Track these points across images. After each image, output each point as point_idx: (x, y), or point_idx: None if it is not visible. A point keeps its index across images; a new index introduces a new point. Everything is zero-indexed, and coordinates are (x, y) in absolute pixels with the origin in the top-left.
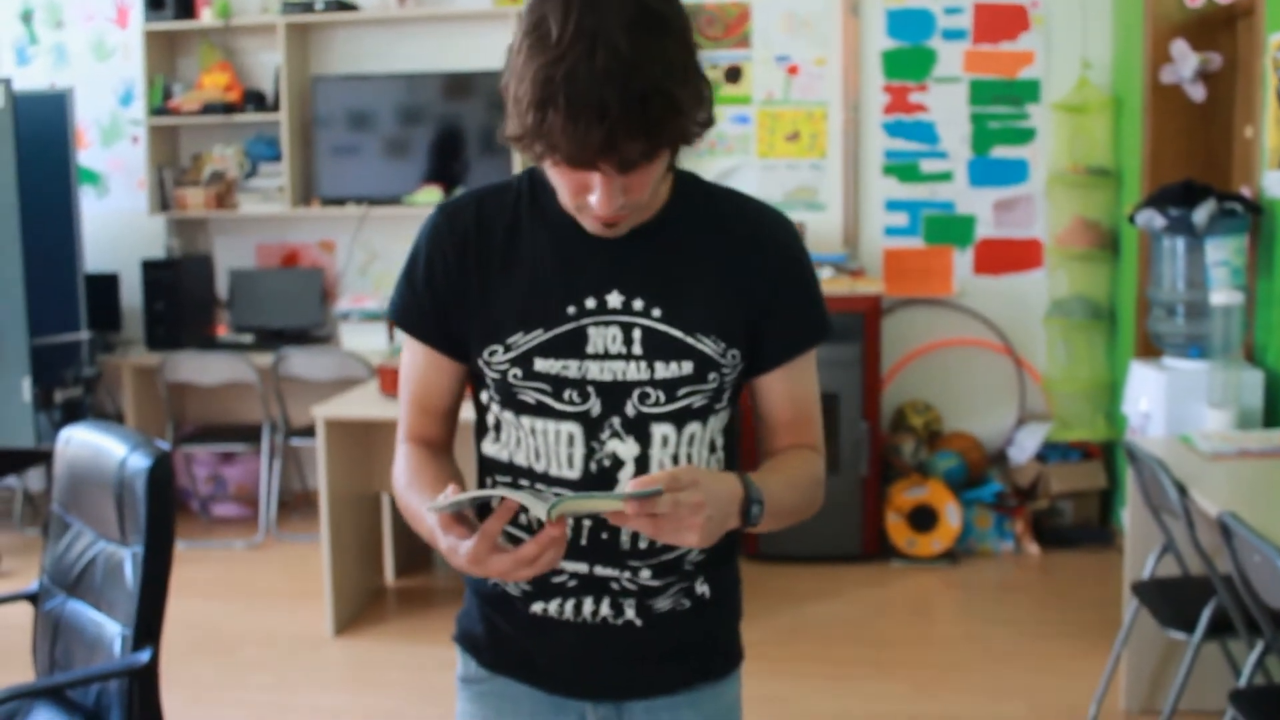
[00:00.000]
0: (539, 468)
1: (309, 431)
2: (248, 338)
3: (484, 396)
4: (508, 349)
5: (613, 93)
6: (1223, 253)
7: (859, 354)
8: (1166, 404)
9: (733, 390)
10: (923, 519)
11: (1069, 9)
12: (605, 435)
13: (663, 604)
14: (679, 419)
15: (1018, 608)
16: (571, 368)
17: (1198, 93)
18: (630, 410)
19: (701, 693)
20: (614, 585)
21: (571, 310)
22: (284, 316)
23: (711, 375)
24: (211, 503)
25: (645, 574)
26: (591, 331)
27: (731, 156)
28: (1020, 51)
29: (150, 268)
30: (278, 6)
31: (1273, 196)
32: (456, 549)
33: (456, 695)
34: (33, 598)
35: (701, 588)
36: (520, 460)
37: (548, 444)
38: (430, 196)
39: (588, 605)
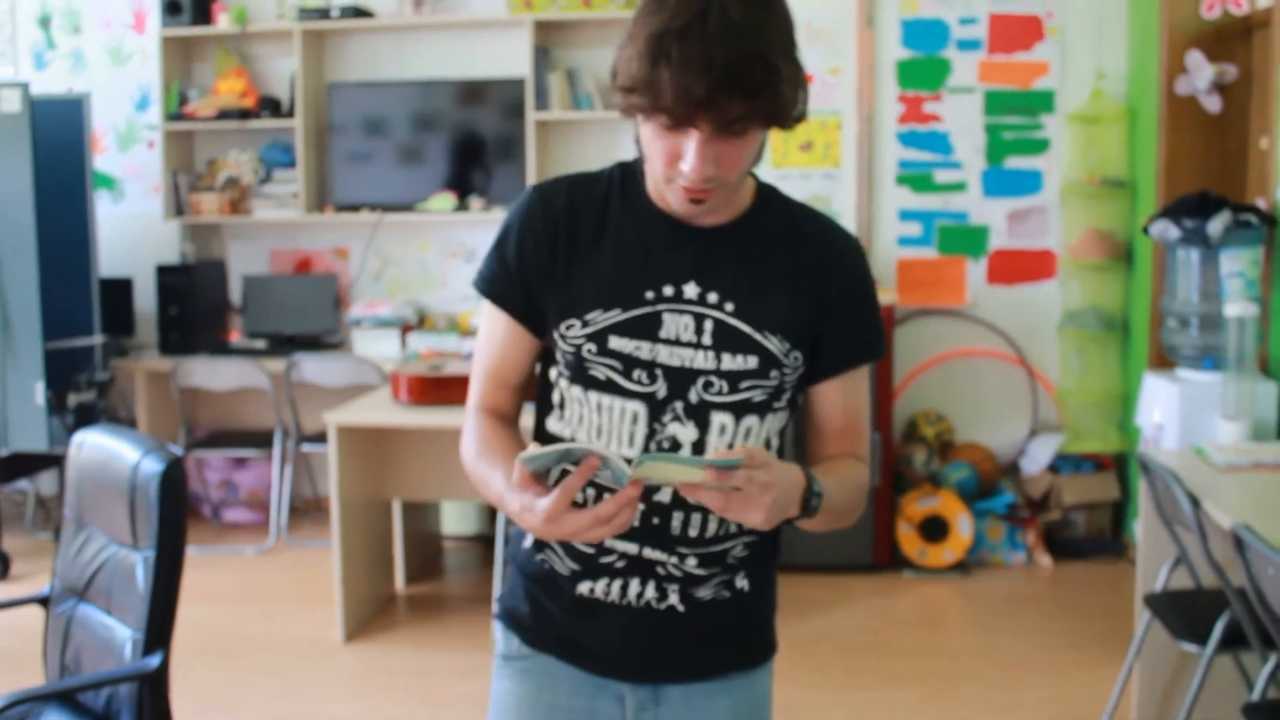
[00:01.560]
0: (599, 445)
1: (321, 437)
2: (261, 343)
3: (553, 373)
4: (585, 324)
5: (720, 51)
6: (1237, 264)
7: (871, 364)
8: (1180, 416)
9: (792, 393)
10: (934, 529)
11: (1084, 20)
12: (667, 418)
13: (704, 592)
14: (738, 410)
15: (1029, 619)
16: (643, 349)
17: (1213, 104)
18: (694, 397)
19: (735, 681)
20: (660, 570)
21: (650, 295)
22: (297, 322)
23: (773, 372)
24: (223, 508)
25: (691, 562)
26: (666, 317)
27: None
28: (1035, 62)
29: (164, 272)
30: (294, 13)
31: None
32: (532, 507)
33: (494, 673)
34: (44, 601)
35: (742, 581)
36: (581, 437)
37: (612, 420)
38: (444, 204)
39: (633, 587)
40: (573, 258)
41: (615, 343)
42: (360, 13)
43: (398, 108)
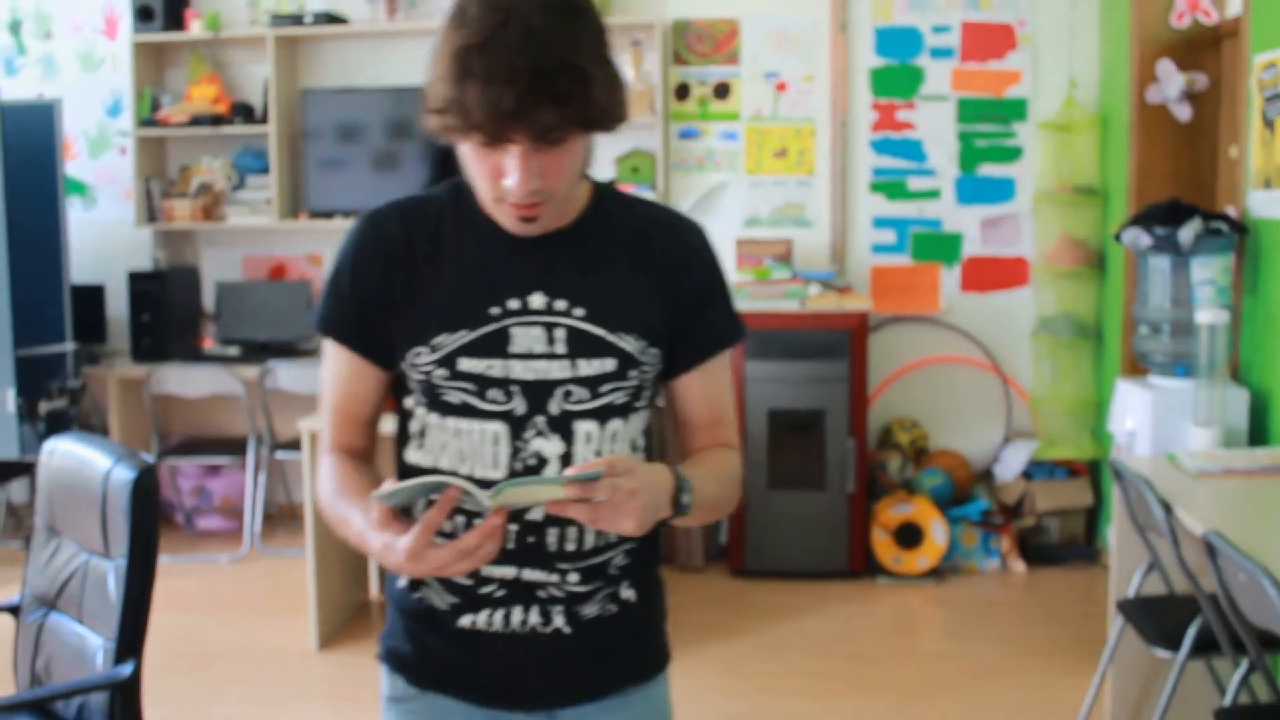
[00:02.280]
0: (464, 470)
1: (295, 444)
2: (234, 350)
3: (408, 402)
4: (433, 350)
5: (524, 60)
6: (1208, 271)
7: (846, 371)
8: (1152, 422)
9: (652, 390)
10: (909, 536)
11: (1056, 28)
12: (530, 434)
13: (590, 610)
14: (602, 415)
15: (1003, 625)
16: (495, 367)
17: (1183, 112)
18: (554, 408)
19: (631, 695)
20: (541, 593)
21: (495, 311)
22: (271, 329)
23: (632, 373)
24: (196, 515)
25: (573, 578)
26: (515, 331)
27: (720, 172)
28: (1008, 70)
29: (137, 279)
30: (267, 19)
31: (1257, 216)
32: (393, 546)
33: (382, 717)
34: (14, 610)
35: (627, 592)
36: (444, 465)
37: (473, 444)
38: None
39: (516, 615)
40: (412, 283)
41: (465, 364)
42: (333, 19)
43: (372, 114)
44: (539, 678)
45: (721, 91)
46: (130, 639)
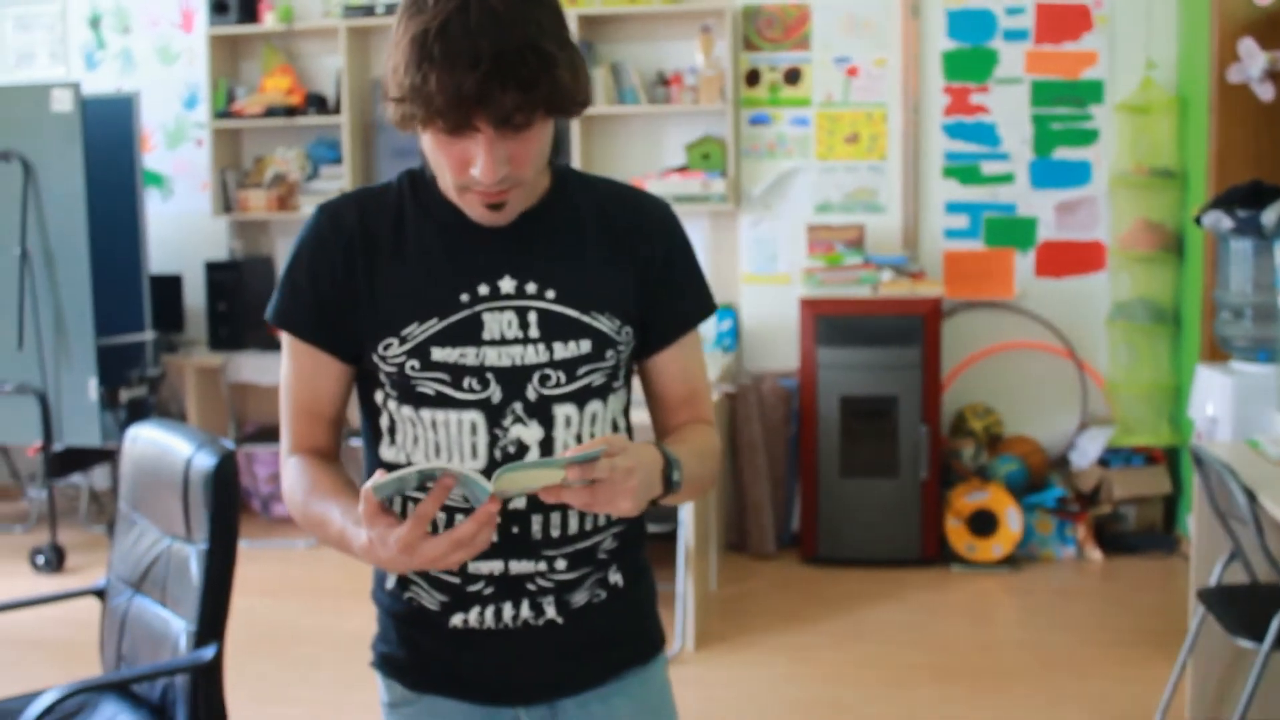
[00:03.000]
0: (455, 465)
1: None
2: None
3: (378, 397)
4: (403, 341)
5: (486, 43)
6: None
7: (919, 357)
8: (1234, 408)
9: (627, 369)
10: (983, 524)
11: (1133, 8)
12: (508, 421)
13: (579, 597)
14: (580, 398)
15: (1079, 614)
16: (469, 355)
17: (1266, 92)
18: (531, 394)
19: (629, 680)
20: (530, 585)
21: (465, 298)
22: None
23: (609, 353)
24: (272, 502)
25: (560, 564)
26: (487, 318)
27: (791, 158)
28: (1083, 52)
29: (213, 269)
30: (339, 10)
31: None
32: (385, 539)
33: None
34: (100, 593)
35: (615, 576)
36: (419, 459)
37: (449, 435)
38: None
39: (508, 610)
40: (375, 274)
41: (438, 354)
42: None
43: None
44: (536, 671)
45: (792, 77)
46: (212, 622)
